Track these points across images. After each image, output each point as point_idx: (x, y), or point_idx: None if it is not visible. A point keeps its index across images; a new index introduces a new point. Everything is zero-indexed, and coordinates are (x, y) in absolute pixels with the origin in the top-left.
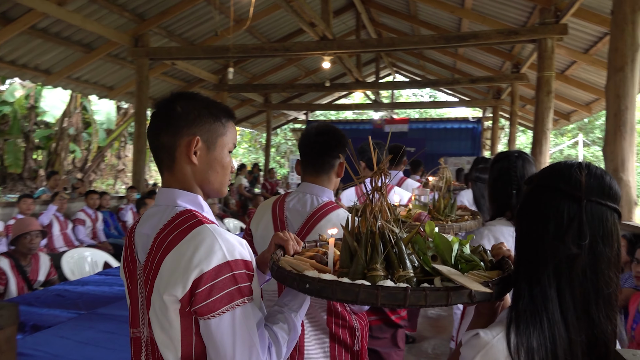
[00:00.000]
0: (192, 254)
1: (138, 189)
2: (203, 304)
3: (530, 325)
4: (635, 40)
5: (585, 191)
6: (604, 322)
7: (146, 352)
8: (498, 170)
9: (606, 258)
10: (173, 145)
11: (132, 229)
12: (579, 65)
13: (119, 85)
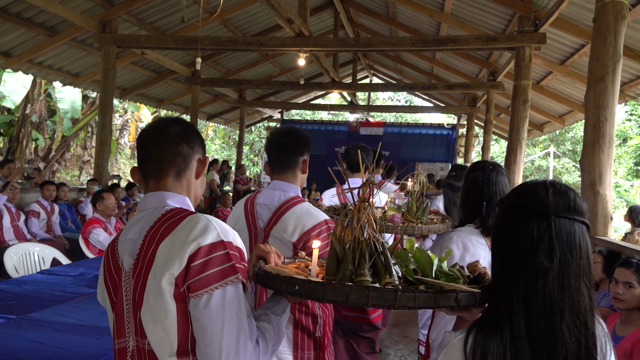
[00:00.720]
0: (188, 233)
1: (100, 182)
2: (197, 278)
3: (489, 334)
4: (617, 50)
5: (553, 208)
6: (567, 334)
7: None
8: (472, 180)
9: (574, 270)
10: (191, 156)
11: (113, 243)
12: (554, 76)
13: (85, 72)
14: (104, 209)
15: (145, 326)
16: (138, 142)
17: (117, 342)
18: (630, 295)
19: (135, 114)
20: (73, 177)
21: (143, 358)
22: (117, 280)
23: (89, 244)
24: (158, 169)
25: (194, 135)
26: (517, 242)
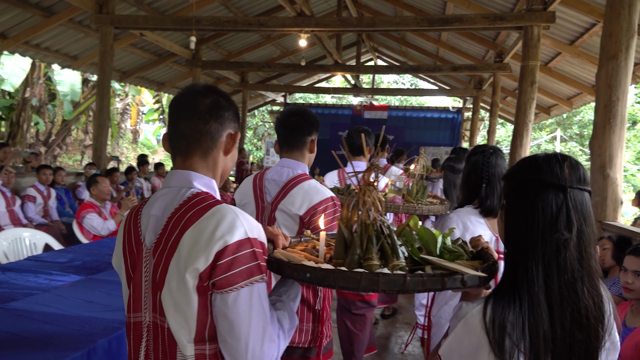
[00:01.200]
0: (215, 228)
1: (98, 166)
2: (223, 276)
3: (507, 304)
4: (632, 25)
5: (569, 180)
6: (587, 295)
7: (147, 336)
8: (473, 163)
9: (588, 237)
10: (220, 133)
11: (136, 212)
12: (562, 57)
13: (84, 55)
14: (99, 194)
15: (165, 309)
16: (169, 113)
17: (133, 315)
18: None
19: (136, 98)
20: (75, 161)
21: (159, 334)
22: (137, 255)
23: (83, 229)
24: (185, 147)
25: (225, 109)
26: (535, 216)
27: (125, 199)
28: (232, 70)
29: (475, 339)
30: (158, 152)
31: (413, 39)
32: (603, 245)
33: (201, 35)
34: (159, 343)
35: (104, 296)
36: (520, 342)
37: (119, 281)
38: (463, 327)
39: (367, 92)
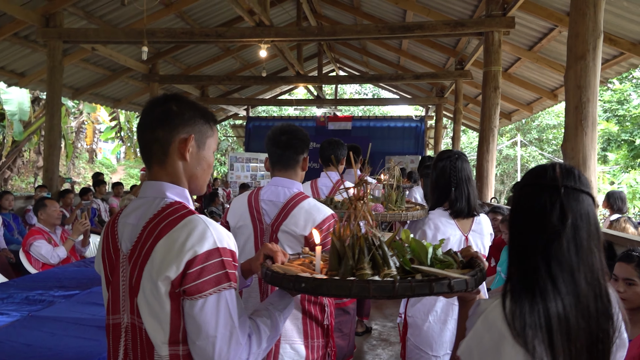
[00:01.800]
0: (186, 239)
1: (50, 188)
2: (192, 284)
3: (522, 295)
4: (598, 25)
5: (561, 180)
6: (585, 286)
7: (125, 337)
8: (441, 168)
9: (585, 233)
10: (168, 140)
11: (113, 220)
12: (522, 63)
13: (32, 71)
14: (47, 218)
15: (141, 312)
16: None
17: (112, 317)
18: (632, 294)
19: (91, 115)
20: (28, 184)
21: (137, 334)
22: (115, 260)
23: (31, 258)
24: (146, 158)
25: (175, 114)
26: (533, 213)
27: (76, 223)
28: (191, 85)
29: (497, 332)
30: (118, 171)
31: (374, 48)
32: None
33: (157, 49)
34: (137, 343)
35: (47, 337)
36: (539, 330)
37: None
38: (483, 323)
39: (330, 102)
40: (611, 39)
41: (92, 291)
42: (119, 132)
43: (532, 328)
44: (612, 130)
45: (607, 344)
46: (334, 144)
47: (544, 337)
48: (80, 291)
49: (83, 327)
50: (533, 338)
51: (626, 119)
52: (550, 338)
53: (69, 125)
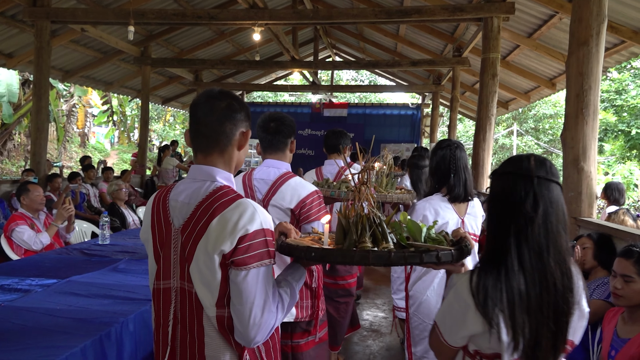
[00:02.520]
0: (238, 219)
1: (37, 172)
2: (240, 257)
3: (488, 272)
4: (602, 9)
5: (535, 172)
6: (553, 265)
7: (175, 300)
8: (441, 156)
9: (555, 218)
10: (233, 133)
11: (164, 197)
12: (520, 51)
13: (20, 52)
14: (30, 203)
15: (193, 279)
16: (190, 115)
17: (163, 282)
18: (630, 291)
19: (83, 99)
20: (19, 167)
21: (187, 297)
22: (166, 233)
23: (13, 244)
24: (206, 145)
25: (237, 111)
26: (509, 199)
27: (60, 208)
28: (184, 68)
29: (463, 302)
30: (111, 155)
31: (371, 34)
32: (583, 244)
33: (149, 31)
34: (186, 305)
35: (17, 330)
36: (499, 302)
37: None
38: (453, 294)
39: (326, 89)
40: (612, 26)
41: (70, 280)
42: (111, 116)
43: (493, 300)
44: (610, 120)
45: (569, 315)
46: (337, 133)
47: (504, 310)
48: (59, 280)
49: (57, 319)
50: (493, 309)
51: (624, 109)
52: (512, 311)
53: (59, 109)
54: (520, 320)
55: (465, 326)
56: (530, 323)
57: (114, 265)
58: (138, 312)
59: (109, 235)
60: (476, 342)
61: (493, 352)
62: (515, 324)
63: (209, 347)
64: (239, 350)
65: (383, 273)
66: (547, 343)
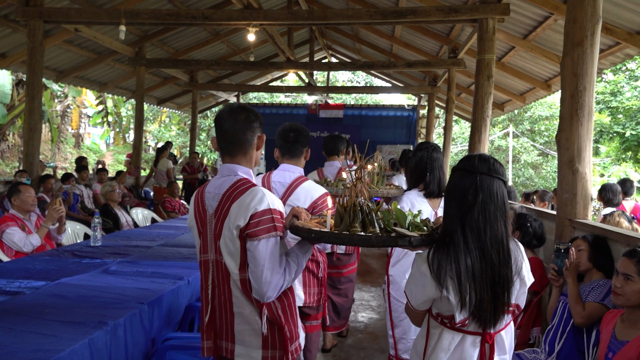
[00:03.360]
0: (250, 200)
1: (30, 173)
2: (252, 230)
3: (441, 249)
4: (596, 10)
5: (478, 169)
6: (489, 245)
7: (212, 268)
8: (419, 157)
9: (493, 207)
10: (253, 138)
11: (201, 192)
12: (516, 52)
13: (12, 52)
14: (21, 204)
15: (222, 251)
16: (216, 125)
17: (203, 256)
18: (629, 290)
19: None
20: (13, 168)
21: (220, 266)
22: (204, 217)
23: (3, 245)
24: (232, 149)
25: (254, 120)
26: (457, 190)
27: (51, 210)
28: (179, 69)
29: (422, 273)
30: (106, 156)
31: (367, 35)
32: (578, 246)
33: (144, 32)
34: (219, 272)
35: (3, 333)
36: (448, 271)
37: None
38: (416, 267)
39: (322, 90)
40: (607, 27)
41: (60, 282)
42: (106, 117)
43: (444, 270)
44: (605, 122)
45: (507, 284)
46: (335, 138)
47: (453, 277)
48: (49, 282)
49: (44, 322)
50: (444, 276)
51: (619, 111)
52: (459, 279)
53: (54, 109)
54: (466, 286)
55: (425, 292)
56: (474, 289)
57: (104, 268)
58: (128, 315)
59: (101, 237)
60: (436, 306)
61: (450, 314)
62: (461, 289)
63: (236, 304)
64: (259, 306)
65: (380, 274)
66: (487, 305)
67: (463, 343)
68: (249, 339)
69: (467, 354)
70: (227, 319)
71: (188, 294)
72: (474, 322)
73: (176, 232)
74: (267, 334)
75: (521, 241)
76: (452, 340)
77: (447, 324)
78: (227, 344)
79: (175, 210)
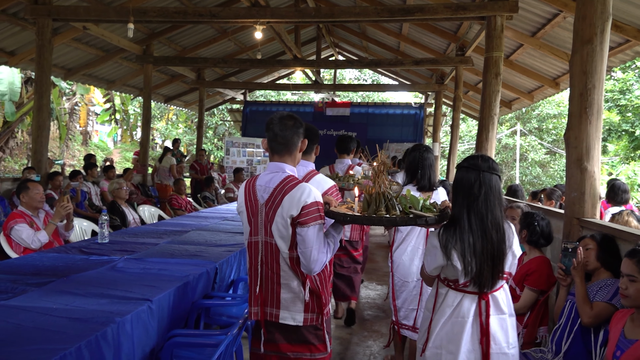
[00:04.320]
0: (301, 195)
1: (38, 170)
2: (303, 219)
3: (448, 229)
4: (606, 7)
5: (481, 167)
6: (490, 226)
7: (262, 248)
8: (412, 157)
9: (492, 197)
10: (297, 142)
11: (253, 184)
12: (524, 50)
13: (21, 50)
14: (30, 201)
15: (273, 235)
16: (267, 130)
17: (253, 238)
18: (634, 291)
19: (85, 97)
20: (22, 165)
21: (269, 247)
22: (255, 206)
23: (12, 242)
24: (281, 150)
25: (298, 127)
26: (464, 184)
27: (58, 207)
28: (186, 67)
29: (434, 246)
30: (113, 154)
31: (374, 33)
32: (586, 245)
33: (152, 29)
34: (268, 251)
35: (11, 329)
36: (454, 246)
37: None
38: (430, 242)
39: (329, 88)
40: (617, 25)
41: (67, 279)
42: (114, 115)
43: (450, 243)
44: (614, 120)
45: (502, 257)
46: (347, 139)
47: (457, 250)
48: (56, 279)
49: (52, 318)
50: (450, 249)
51: (628, 109)
52: (463, 252)
53: (62, 107)
54: (467, 258)
55: (436, 260)
56: (475, 261)
57: (112, 264)
58: (135, 312)
59: (109, 234)
60: (444, 272)
61: (455, 278)
62: (464, 261)
63: (283, 277)
64: (303, 278)
65: (385, 272)
66: (487, 273)
67: (463, 301)
68: (293, 305)
69: (465, 309)
70: (274, 289)
71: (194, 291)
72: (473, 285)
73: (183, 230)
74: (308, 301)
75: (529, 240)
76: (455, 298)
77: (452, 286)
78: (272, 309)
79: (182, 208)
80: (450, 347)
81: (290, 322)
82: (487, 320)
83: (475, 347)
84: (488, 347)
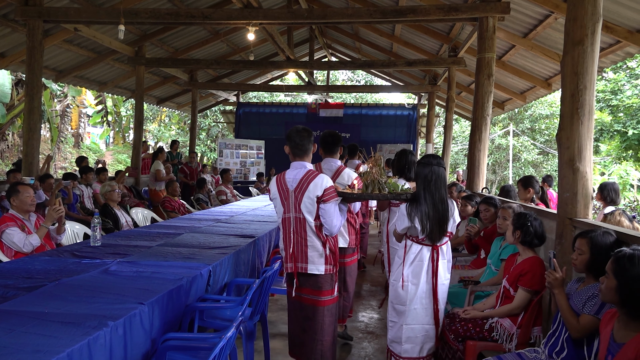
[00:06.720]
0: (322, 182)
1: (29, 173)
2: (325, 197)
3: (412, 202)
4: (597, 8)
5: (432, 162)
6: (437, 200)
7: (293, 221)
8: (404, 160)
9: (438, 182)
10: (311, 147)
11: (283, 178)
12: (516, 51)
13: (12, 52)
14: (20, 204)
15: (302, 210)
16: (288, 139)
17: (286, 214)
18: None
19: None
20: None
21: (299, 220)
22: (286, 193)
23: (3, 246)
24: (301, 153)
25: (311, 136)
26: (422, 174)
27: (50, 209)
28: (179, 68)
29: (402, 213)
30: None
31: (367, 34)
32: (580, 246)
33: (144, 31)
34: (298, 223)
35: (2, 334)
36: (416, 214)
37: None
38: (400, 212)
39: (322, 89)
40: (608, 26)
41: (60, 282)
42: (106, 117)
43: (413, 212)
44: (605, 120)
45: (446, 221)
46: (336, 139)
47: (417, 217)
48: (48, 283)
49: (44, 323)
50: (414, 216)
51: (619, 110)
52: (421, 218)
53: (53, 109)
54: (424, 222)
55: (404, 223)
56: (429, 223)
57: (104, 268)
58: (127, 315)
59: (101, 237)
60: (410, 231)
61: (416, 235)
62: (422, 223)
63: (309, 240)
64: (323, 241)
65: (378, 274)
66: (436, 232)
67: (422, 250)
68: (317, 259)
69: (423, 255)
70: (303, 249)
71: (188, 294)
72: (427, 239)
73: (176, 232)
74: (328, 256)
75: (522, 240)
76: (417, 249)
77: (414, 241)
78: (301, 264)
79: (175, 210)
80: (414, 280)
81: (315, 272)
82: (437, 263)
83: (429, 279)
84: (436, 280)
